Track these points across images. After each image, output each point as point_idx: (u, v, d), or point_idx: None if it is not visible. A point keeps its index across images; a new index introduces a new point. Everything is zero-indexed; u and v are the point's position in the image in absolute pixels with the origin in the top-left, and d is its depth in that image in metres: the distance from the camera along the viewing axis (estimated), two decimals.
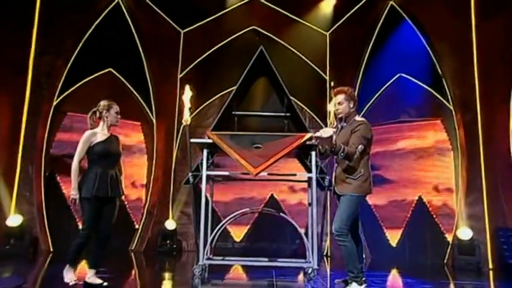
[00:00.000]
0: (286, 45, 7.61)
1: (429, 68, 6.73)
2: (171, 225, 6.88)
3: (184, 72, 7.66)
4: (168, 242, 6.76)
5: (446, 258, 6.14)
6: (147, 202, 7.16)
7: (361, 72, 7.28)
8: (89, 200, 3.50)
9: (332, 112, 4.29)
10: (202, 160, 4.43)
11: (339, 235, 3.39)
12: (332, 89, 3.76)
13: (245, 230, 7.23)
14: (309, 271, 4.15)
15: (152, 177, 7.24)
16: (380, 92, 7.18)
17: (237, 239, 7.20)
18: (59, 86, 6.75)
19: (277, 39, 7.62)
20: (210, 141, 4.34)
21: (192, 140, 4.47)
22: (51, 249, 6.29)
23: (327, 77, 7.48)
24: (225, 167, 6.43)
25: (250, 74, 5.01)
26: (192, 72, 7.63)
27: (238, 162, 3.99)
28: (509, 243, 5.54)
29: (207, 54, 7.73)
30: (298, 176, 4.79)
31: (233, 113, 4.83)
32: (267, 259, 4.64)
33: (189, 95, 4.31)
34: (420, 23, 6.80)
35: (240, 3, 7.69)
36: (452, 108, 6.49)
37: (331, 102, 4.29)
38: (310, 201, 4.44)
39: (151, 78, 7.45)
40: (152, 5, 7.50)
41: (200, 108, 7.52)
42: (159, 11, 7.57)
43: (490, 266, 5.69)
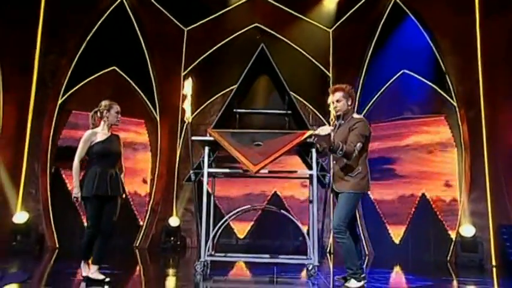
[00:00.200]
0: (289, 43, 7.61)
1: (433, 64, 6.69)
2: (174, 222, 6.94)
3: (187, 70, 7.69)
4: (172, 238, 6.82)
5: (449, 255, 6.12)
6: (151, 199, 7.23)
7: (364, 69, 7.27)
8: (90, 199, 3.58)
9: (332, 109, 4.30)
10: (203, 157, 4.47)
11: (337, 232, 3.41)
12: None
13: (248, 226, 7.27)
14: (310, 268, 4.19)
15: (156, 175, 7.30)
16: (383, 88, 7.16)
17: (241, 236, 7.25)
18: (64, 84, 6.83)
19: (280, 37, 7.63)
20: (211, 139, 4.38)
21: (193, 137, 4.52)
22: (57, 246, 6.39)
23: (329, 74, 7.48)
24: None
25: (252, 72, 5.04)
26: (195, 70, 7.66)
27: (239, 159, 4.02)
28: None
29: (210, 52, 7.76)
30: (298, 173, 4.81)
31: (234, 110, 4.86)
32: (268, 256, 4.67)
33: (190, 86, 4.32)
34: (423, 19, 6.76)
35: (243, 1, 7.70)
36: (455, 104, 6.46)
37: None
38: (311, 198, 4.48)
39: (154, 76, 7.51)
40: (155, 3, 7.55)
41: (203, 105, 7.56)
42: (162, 9, 7.61)
43: (493, 263, 5.67)
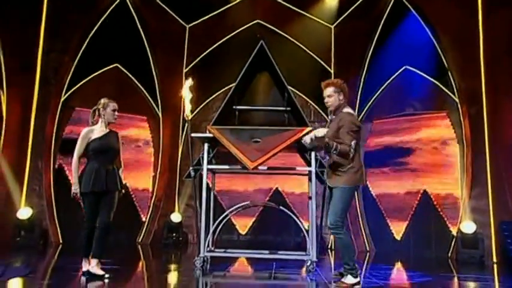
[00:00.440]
0: (291, 39, 7.60)
1: (435, 60, 6.65)
2: (176, 218, 6.99)
3: (189, 67, 7.72)
4: (174, 234, 6.88)
5: (450, 251, 6.12)
6: (154, 195, 7.29)
7: (366, 65, 7.25)
8: (87, 194, 3.70)
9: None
10: (203, 154, 4.51)
11: (334, 228, 3.43)
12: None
13: (250, 222, 7.31)
14: (308, 263, 4.22)
15: (158, 171, 7.36)
16: (385, 85, 7.14)
17: (242, 232, 7.29)
18: (67, 81, 6.87)
19: (282, 33, 7.62)
20: (210, 136, 4.42)
21: (192, 134, 4.56)
22: (61, 241, 6.47)
23: (331, 70, 7.47)
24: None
25: (251, 68, 5.04)
26: (197, 67, 7.69)
27: (237, 156, 4.05)
28: None
29: (212, 48, 7.77)
30: (297, 170, 4.83)
31: (234, 107, 4.89)
32: (267, 251, 4.72)
33: (188, 87, 4.36)
34: (426, 15, 6.72)
35: None
36: (457, 100, 6.43)
37: None
38: (310, 194, 4.50)
39: (157, 73, 7.54)
40: (157, 0, 7.56)
41: (205, 102, 7.59)
42: (164, 6, 7.63)
43: (494, 259, 5.66)
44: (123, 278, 4.03)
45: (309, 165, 4.42)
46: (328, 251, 6.83)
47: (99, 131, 3.83)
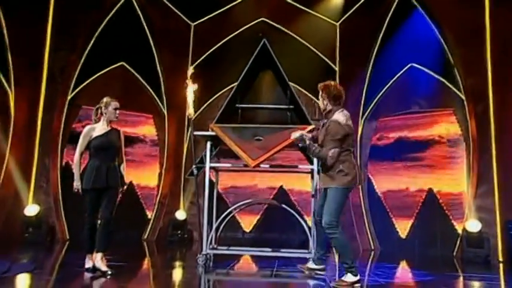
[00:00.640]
0: (296, 37, 7.58)
1: (441, 57, 6.58)
2: (181, 215, 7.04)
3: (194, 65, 7.73)
4: (179, 231, 6.93)
5: (455, 250, 6.07)
6: (159, 193, 7.34)
7: (371, 62, 7.21)
8: (88, 191, 3.80)
9: None
10: (205, 152, 4.54)
11: (329, 227, 3.45)
12: None
13: (255, 220, 7.33)
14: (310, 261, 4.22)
15: (164, 169, 7.41)
16: (391, 82, 7.09)
17: (247, 229, 7.31)
18: (74, 80, 6.94)
19: (287, 31, 7.60)
20: (213, 134, 4.44)
21: (195, 132, 4.59)
22: (68, 238, 6.56)
23: (336, 68, 7.44)
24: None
25: (254, 67, 5.05)
26: (202, 65, 7.70)
27: (238, 154, 4.07)
28: None
29: (217, 46, 7.78)
30: (299, 168, 4.83)
31: (236, 105, 4.90)
32: (270, 249, 4.73)
33: (192, 88, 4.42)
34: (431, 11, 6.64)
35: None
36: (464, 98, 6.36)
37: None
38: (313, 192, 4.50)
39: (162, 71, 7.58)
40: None
41: (210, 100, 7.60)
42: (169, 4, 7.65)
43: (499, 258, 5.60)
44: (127, 274, 4.07)
45: (311, 163, 4.43)
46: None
47: (100, 129, 3.91)
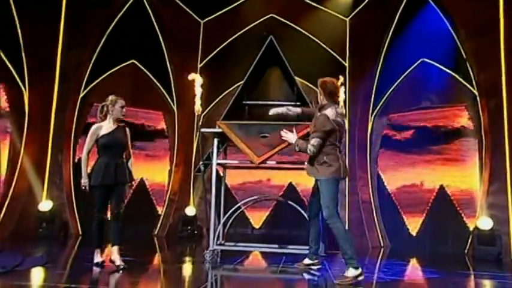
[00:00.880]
0: (305, 33, 7.53)
1: (453, 51, 6.45)
2: (191, 211, 7.11)
3: (204, 62, 7.79)
4: (188, 227, 7.00)
5: (467, 248, 5.98)
6: (169, 189, 7.43)
7: (381, 58, 7.12)
8: (97, 187, 3.90)
9: (341, 100, 4.34)
10: (212, 149, 4.58)
11: (329, 218, 3.60)
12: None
13: (264, 216, 7.35)
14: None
15: (174, 165, 7.49)
16: (401, 78, 7.00)
17: (256, 226, 7.34)
18: (85, 78, 7.06)
19: (296, 27, 7.56)
20: (219, 131, 4.47)
21: (202, 129, 4.64)
22: (80, 233, 6.70)
23: (346, 64, 7.38)
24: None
25: (261, 64, 5.06)
26: (211, 62, 7.75)
27: (243, 151, 4.09)
28: None
29: (226, 43, 7.80)
30: (304, 164, 4.81)
31: (243, 102, 4.92)
32: (277, 246, 4.76)
33: (200, 84, 4.45)
34: (443, 4, 6.51)
35: None
36: (476, 93, 6.23)
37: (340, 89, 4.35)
38: None
39: (172, 68, 7.63)
40: None
41: (220, 97, 7.63)
42: (178, 1, 7.70)
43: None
44: (136, 269, 4.13)
45: None
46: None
47: (107, 127, 3.99)
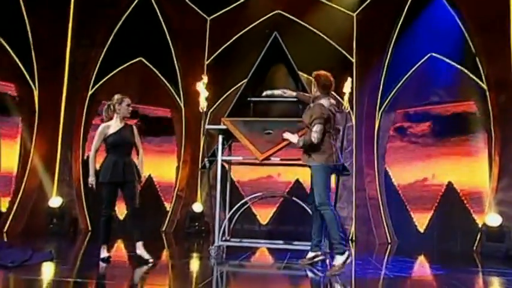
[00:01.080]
0: (312, 29, 7.50)
1: (461, 46, 6.36)
2: (198, 207, 7.16)
3: (211, 59, 7.81)
4: (196, 223, 7.06)
5: (475, 244, 5.92)
6: (177, 185, 7.49)
7: (389, 53, 7.05)
8: (105, 185, 3.98)
9: (347, 94, 4.33)
10: (217, 145, 4.60)
11: (321, 205, 3.74)
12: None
13: (271, 213, 7.36)
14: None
15: (181, 162, 7.54)
16: (409, 73, 6.93)
17: (263, 222, 7.36)
18: (94, 75, 7.14)
19: (303, 23, 7.53)
20: (224, 127, 4.50)
21: (207, 126, 4.67)
22: (90, 229, 6.81)
23: (353, 60, 7.33)
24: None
25: (266, 60, 5.05)
26: (218, 59, 7.77)
27: (247, 147, 4.10)
28: None
29: (233, 39, 7.80)
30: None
31: (248, 99, 4.93)
32: (282, 242, 4.77)
33: (204, 82, 4.48)
34: None
35: None
36: (485, 88, 6.14)
37: (345, 84, 4.33)
38: None
39: (179, 66, 7.68)
40: None
41: (227, 94, 7.64)
42: None
43: None
44: (142, 265, 4.18)
45: None
46: (349, 242, 6.77)
47: (114, 126, 4.06)
